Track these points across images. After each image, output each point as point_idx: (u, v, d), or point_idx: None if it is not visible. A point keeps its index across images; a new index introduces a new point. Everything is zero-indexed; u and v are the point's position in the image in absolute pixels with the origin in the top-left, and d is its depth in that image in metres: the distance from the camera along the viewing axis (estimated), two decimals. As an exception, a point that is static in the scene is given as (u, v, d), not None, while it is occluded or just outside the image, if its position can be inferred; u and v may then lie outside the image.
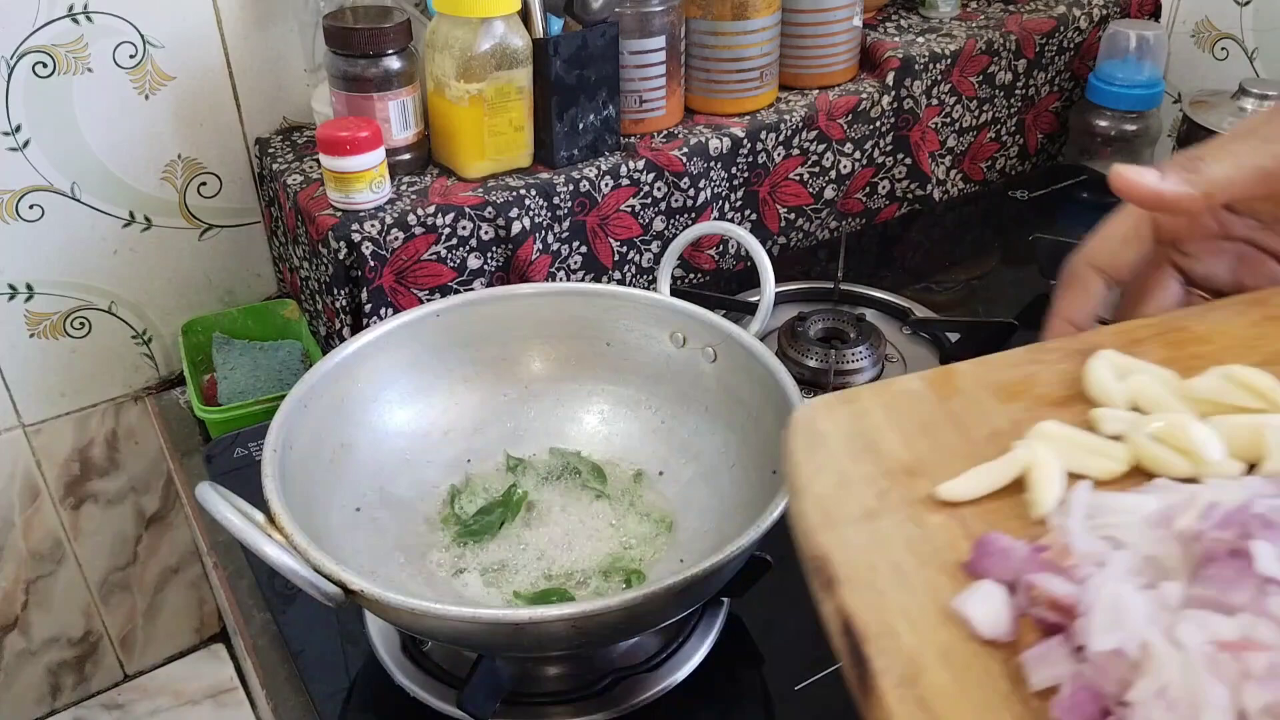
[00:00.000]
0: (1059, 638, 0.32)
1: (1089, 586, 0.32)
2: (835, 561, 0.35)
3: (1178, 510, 0.34)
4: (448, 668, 0.63)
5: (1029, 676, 0.32)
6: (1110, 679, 0.30)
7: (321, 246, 0.82)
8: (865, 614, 0.33)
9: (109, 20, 0.85)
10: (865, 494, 0.37)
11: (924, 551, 0.35)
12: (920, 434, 0.40)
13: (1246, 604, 0.30)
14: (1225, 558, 0.32)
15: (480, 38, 0.81)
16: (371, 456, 0.69)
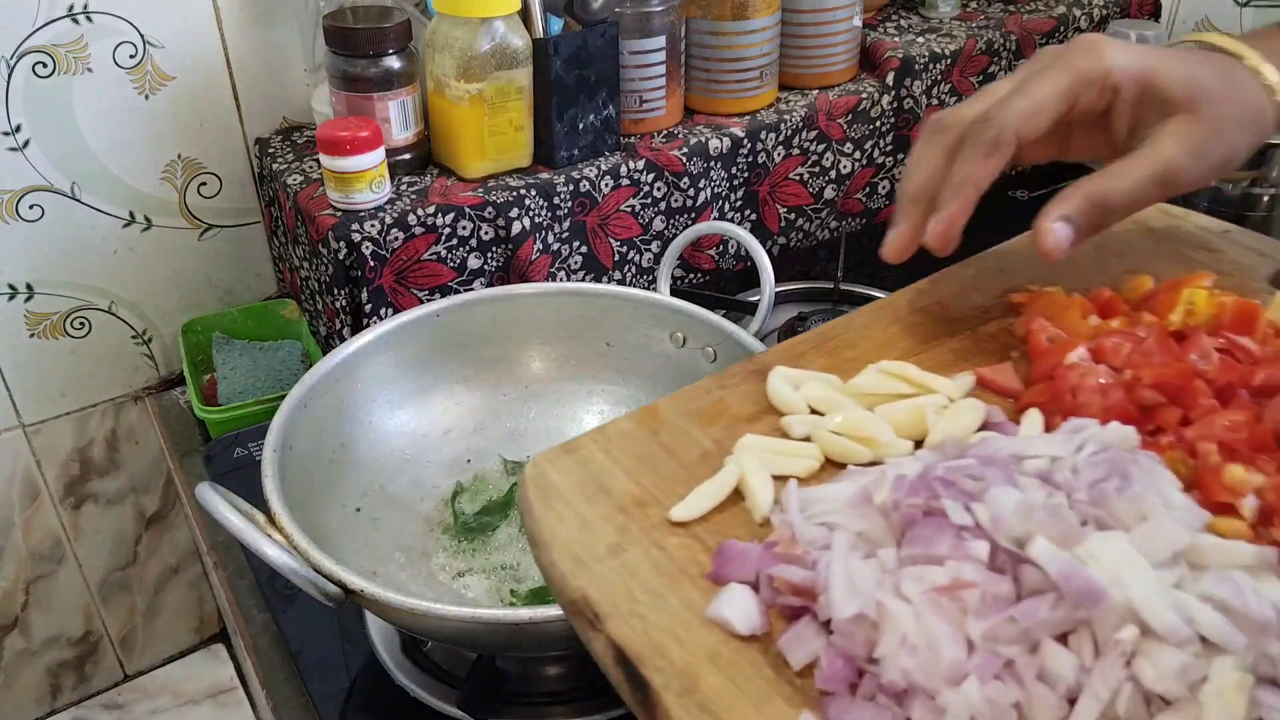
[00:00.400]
0: (806, 619, 0.36)
1: (821, 567, 0.36)
2: (594, 600, 0.38)
3: (872, 489, 0.38)
4: (448, 668, 0.63)
5: (789, 658, 0.35)
6: (857, 642, 0.34)
7: (321, 246, 0.82)
8: (633, 640, 0.36)
9: (109, 20, 0.85)
10: (607, 531, 0.40)
11: (671, 572, 0.39)
12: (642, 467, 0.44)
13: (950, 552, 0.35)
14: (922, 519, 0.36)
15: (480, 38, 0.81)
16: (371, 456, 0.69)
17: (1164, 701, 0.32)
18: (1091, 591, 0.33)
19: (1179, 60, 0.48)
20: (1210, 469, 0.40)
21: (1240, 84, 0.49)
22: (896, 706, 0.33)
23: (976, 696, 0.32)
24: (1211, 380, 0.45)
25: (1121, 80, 0.47)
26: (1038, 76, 0.47)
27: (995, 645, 0.33)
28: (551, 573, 0.40)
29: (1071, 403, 0.44)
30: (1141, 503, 0.36)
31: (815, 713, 0.34)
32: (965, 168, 0.47)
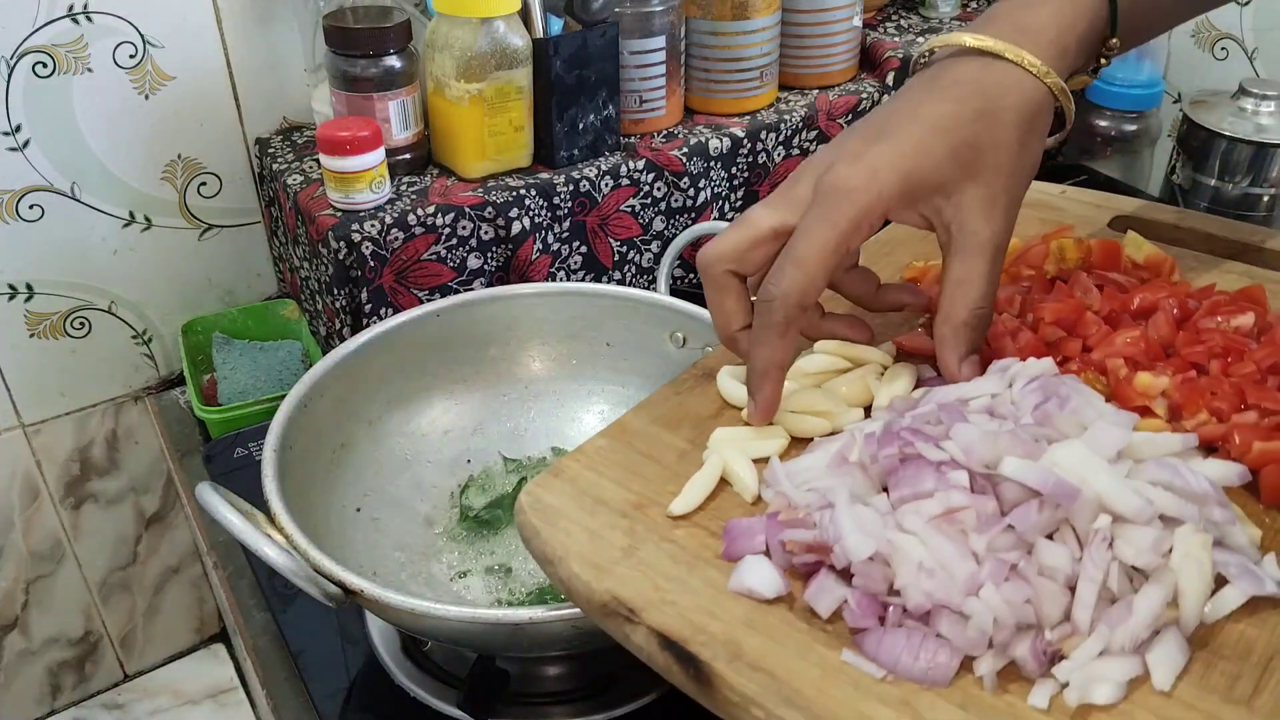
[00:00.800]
0: (823, 572, 0.40)
1: (827, 523, 0.40)
2: (624, 597, 0.41)
3: (845, 451, 0.43)
4: (448, 668, 0.63)
5: (817, 609, 0.39)
6: (876, 580, 0.38)
7: (321, 246, 0.81)
8: (672, 624, 0.39)
9: (109, 20, 0.85)
10: (615, 536, 0.44)
11: (686, 559, 0.42)
12: (628, 476, 0.47)
13: (935, 486, 0.39)
14: (901, 465, 0.41)
15: (480, 38, 0.81)
16: (371, 456, 0.69)
17: (1143, 576, 0.37)
18: (1067, 490, 0.38)
19: (933, 131, 0.46)
20: (1122, 380, 0.47)
21: (1003, 97, 0.47)
22: (925, 626, 0.37)
23: (995, 599, 0.36)
24: (1098, 311, 0.51)
25: (888, 207, 0.46)
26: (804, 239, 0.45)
27: (998, 554, 0.37)
28: (574, 584, 0.42)
29: (987, 350, 0.50)
30: (1080, 415, 0.41)
31: (854, 649, 0.38)
32: (766, 353, 0.47)
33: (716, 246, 0.49)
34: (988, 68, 0.47)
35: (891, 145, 0.46)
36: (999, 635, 0.36)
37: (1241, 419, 0.44)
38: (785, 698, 0.36)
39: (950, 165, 0.46)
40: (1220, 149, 1.00)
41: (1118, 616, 0.36)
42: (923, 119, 0.46)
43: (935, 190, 0.46)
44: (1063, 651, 0.36)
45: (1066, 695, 0.35)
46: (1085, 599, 0.36)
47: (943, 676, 0.36)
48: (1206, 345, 0.48)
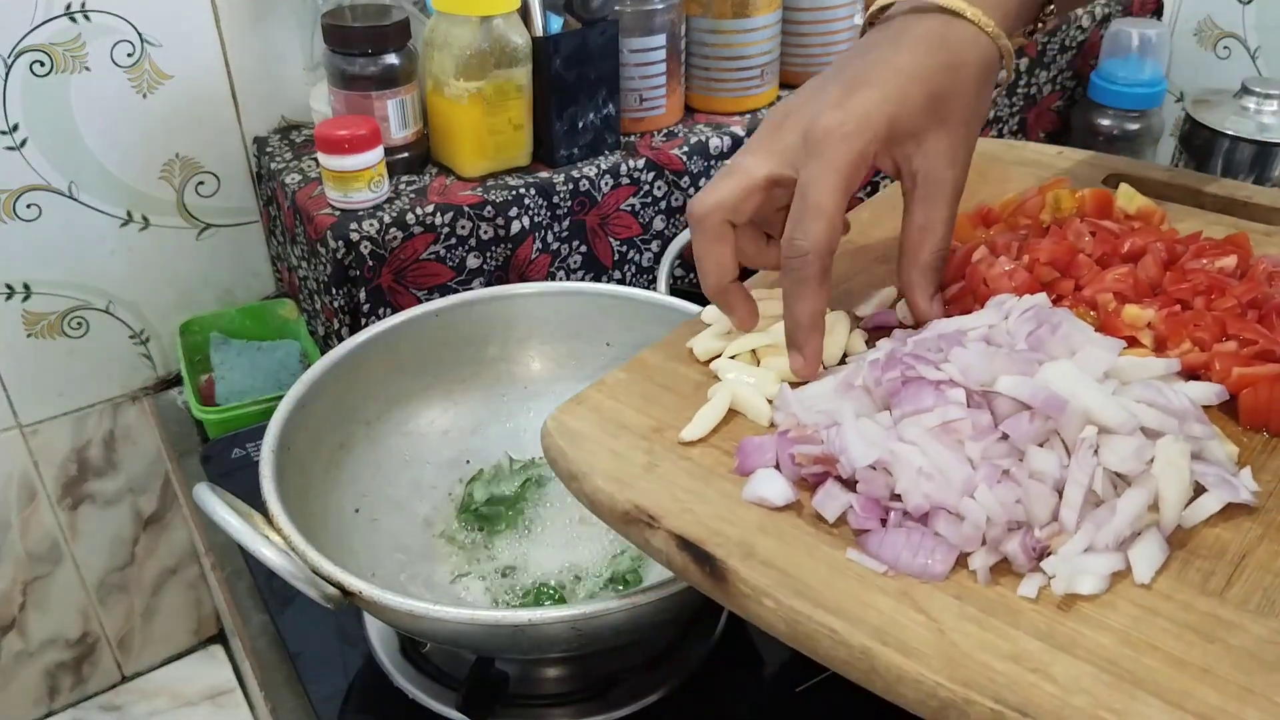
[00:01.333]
0: (830, 481, 0.43)
1: (833, 436, 0.43)
2: (645, 505, 0.44)
3: (851, 377, 0.47)
4: (447, 669, 0.63)
5: (824, 514, 0.42)
6: (879, 485, 0.42)
7: (320, 246, 0.81)
8: (690, 528, 0.43)
9: (106, 19, 0.84)
10: (636, 455, 0.47)
11: (702, 474, 0.46)
12: (647, 404, 0.51)
13: (935, 403, 0.43)
14: (903, 386, 0.44)
15: (479, 36, 0.80)
16: (370, 457, 0.69)
17: (1126, 482, 0.40)
18: (1056, 402, 0.41)
19: (910, 81, 0.48)
20: (1110, 314, 0.50)
21: (964, 52, 0.50)
22: (923, 526, 0.41)
23: (988, 498, 0.40)
24: (1090, 254, 0.54)
25: (878, 150, 0.48)
26: (812, 188, 0.47)
27: (992, 460, 0.41)
28: (597, 497, 0.46)
29: (986, 291, 0.52)
30: (1071, 340, 0.45)
31: (857, 548, 0.41)
32: (805, 305, 0.49)
33: (713, 196, 0.50)
34: (950, 25, 0.50)
35: (876, 91, 0.48)
36: (991, 532, 0.39)
37: (1222, 348, 0.47)
38: (795, 590, 0.39)
39: (925, 113, 0.48)
40: (1223, 148, 1.00)
41: (1102, 517, 0.39)
42: (900, 69, 0.48)
43: (910, 136, 0.49)
44: (1050, 548, 0.39)
45: (1054, 585, 0.38)
46: (1072, 500, 0.39)
47: (940, 571, 0.39)
48: (1191, 283, 0.52)
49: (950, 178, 0.50)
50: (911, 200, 0.51)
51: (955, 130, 0.50)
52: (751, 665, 0.65)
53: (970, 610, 0.38)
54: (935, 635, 0.37)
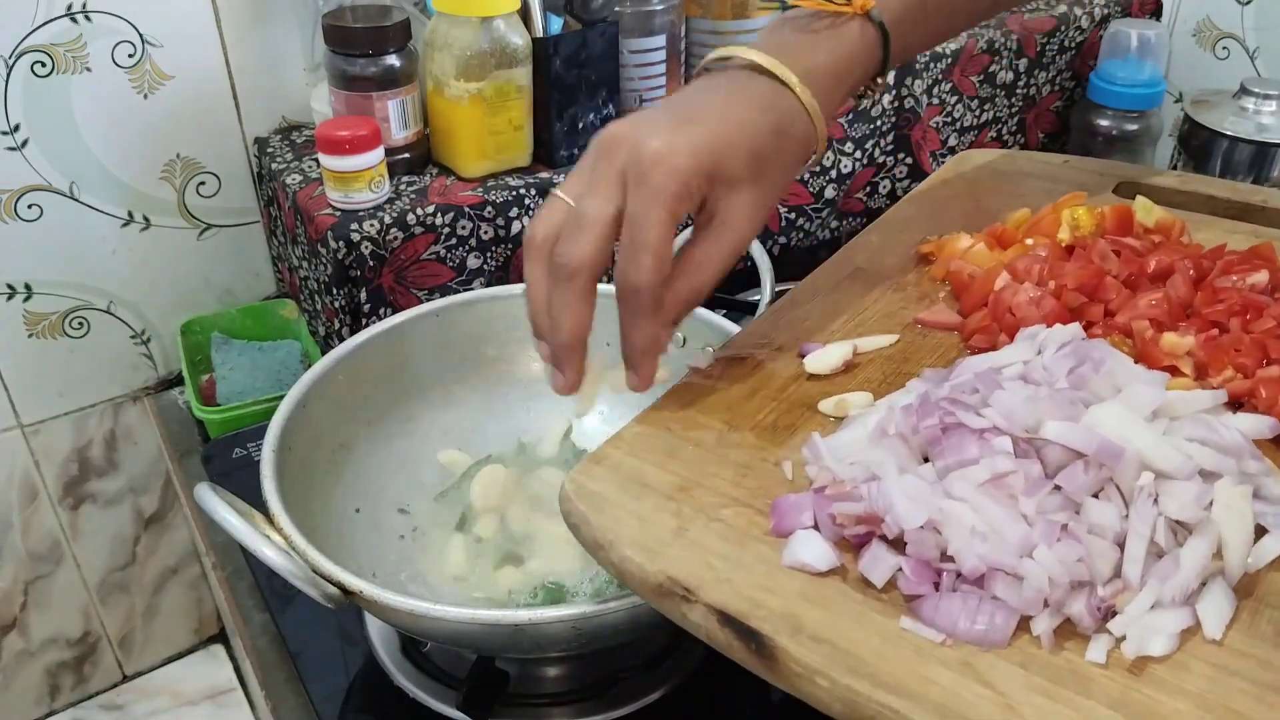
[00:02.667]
0: (875, 542, 0.40)
1: (876, 494, 0.41)
2: (679, 576, 0.41)
3: (884, 424, 0.44)
4: (447, 669, 0.63)
5: (871, 578, 0.40)
6: (929, 546, 0.39)
7: (320, 246, 0.81)
8: (730, 600, 0.40)
9: (107, 19, 0.84)
10: (664, 519, 0.44)
11: (736, 537, 0.43)
12: (669, 460, 0.48)
13: (980, 453, 0.40)
14: (943, 434, 0.42)
15: (480, 37, 0.80)
16: (370, 457, 0.69)
17: (1186, 530, 0.38)
18: (1112, 450, 0.39)
19: (739, 130, 0.49)
20: (1148, 341, 0.49)
21: (791, 125, 0.51)
22: (979, 589, 0.38)
23: (1049, 559, 0.37)
24: (1117, 275, 0.53)
25: (700, 183, 0.48)
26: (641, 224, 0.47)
27: (1048, 515, 0.38)
28: (627, 567, 0.43)
29: (1012, 320, 0.51)
30: (1114, 378, 0.43)
31: (911, 616, 0.38)
32: (641, 335, 0.50)
33: (579, 251, 0.48)
34: (781, 94, 0.51)
35: (706, 130, 0.48)
36: (1054, 594, 0.37)
37: (1266, 373, 0.46)
38: (849, 666, 0.37)
39: (745, 165, 0.49)
40: (1222, 148, 1.00)
41: (1166, 570, 0.37)
42: (731, 119, 0.50)
43: (725, 182, 0.49)
44: (1115, 606, 0.37)
45: (1124, 649, 0.36)
46: (1135, 554, 0.37)
47: (1000, 637, 0.37)
48: (1225, 304, 0.50)
49: (745, 230, 0.51)
50: (700, 235, 0.51)
51: (764, 191, 0.51)
52: (751, 665, 0.65)
53: (1037, 680, 0.36)
54: (1004, 711, 0.35)
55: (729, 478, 0.47)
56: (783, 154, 0.51)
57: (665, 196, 0.47)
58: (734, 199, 0.50)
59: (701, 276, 0.50)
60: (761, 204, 0.51)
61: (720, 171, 0.49)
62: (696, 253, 0.51)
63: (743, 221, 0.50)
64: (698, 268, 0.51)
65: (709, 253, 0.51)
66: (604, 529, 0.44)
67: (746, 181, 0.50)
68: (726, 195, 0.50)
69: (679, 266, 0.51)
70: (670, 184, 0.47)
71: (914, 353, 0.54)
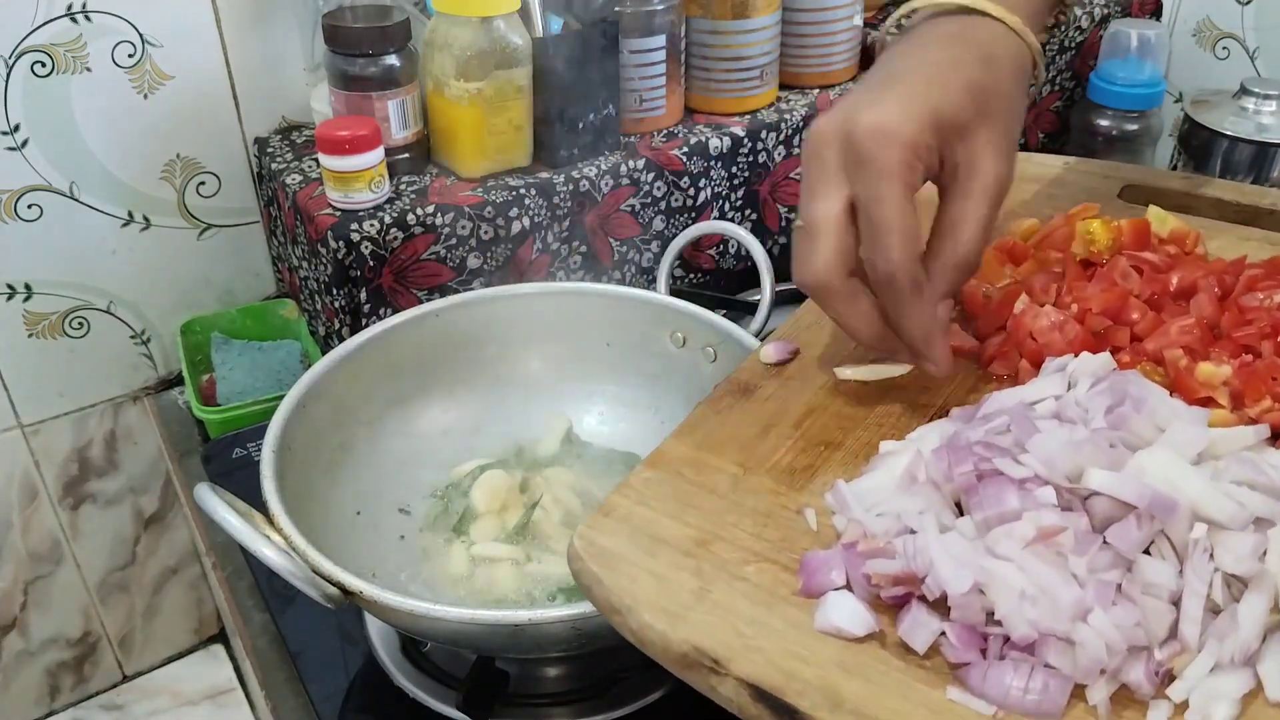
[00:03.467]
0: (915, 605, 0.38)
1: (914, 552, 0.38)
2: (706, 647, 0.38)
3: (913, 469, 0.41)
4: (447, 669, 0.63)
5: (913, 644, 0.37)
6: (975, 610, 0.36)
7: (320, 246, 0.81)
8: (763, 673, 0.37)
9: (107, 19, 0.84)
10: (683, 579, 0.41)
11: (763, 598, 0.40)
12: (683, 508, 0.44)
13: (1022, 506, 0.37)
14: (979, 483, 0.39)
15: (480, 37, 0.80)
16: (370, 457, 0.69)
17: (1242, 583, 0.36)
18: (1166, 504, 0.36)
19: (947, 70, 0.46)
20: (1183, 371, 0.46)
21: (996, 47, 0.48)
22: (1029, 656, 0.36)
23: (1105, 624, 0.35)
24: (1139, 295, 0.50)
25: (926, 142, 0.45)
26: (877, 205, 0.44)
27: (1099, 575, 0.36)
28: (647, 635, 0.39)
29: (1034, 345, 0.48)
30: (1156, 417, 0.40)
31: (958, 686, 0.36)
32: (916, 319, 0.46)
33: (821, 260, 0.45)
34: (975, 24, 0.48)
35: (910, 86, 0.45)
36: (1111, 660, 0.35)
37: None
38: None
39: (968, 103, 0.45)
40: (1222, 148, 1.00)
41: (1224, 628, 0.35)
42: (932, 63, 0.46)
43: (954, 127, 0.46)
44: (1173, 671, 0.35)
45: (1187, 718, 0.34)
46: (1192, 614, 0.35)
47: (1054, 708, 0.35)
48: (1256, 326, 0.48)
49: (993, 172, 0.46)
50: (948, 195, 0.47)
51: (998, 124, 0.47)
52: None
53: None
54: None
55: (749, 529, 0.43)
56: (1000, 79, 0.47)
57: (892, 168, 0.43)
58: (970, 144, 0.46)
59: (963, 236, 0.46)
60: (1001, 139, 0.47)
61: (943, 121, 0.45)
62: (950, 212, 0.47)
63: (988, 163, 0.46)
64: (954, 228, 0.47)
65: (963, 209, 0.46)
66: (620, 591, 0.41)
67: (975, 120, 0.46)
68: (960, 142, 0.46)
69: (936, 234, 0.47)
70: (892, 154, 0.43)
71: (931, 380, 0.51)
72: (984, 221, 0.47)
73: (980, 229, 0.47)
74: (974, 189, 0.46)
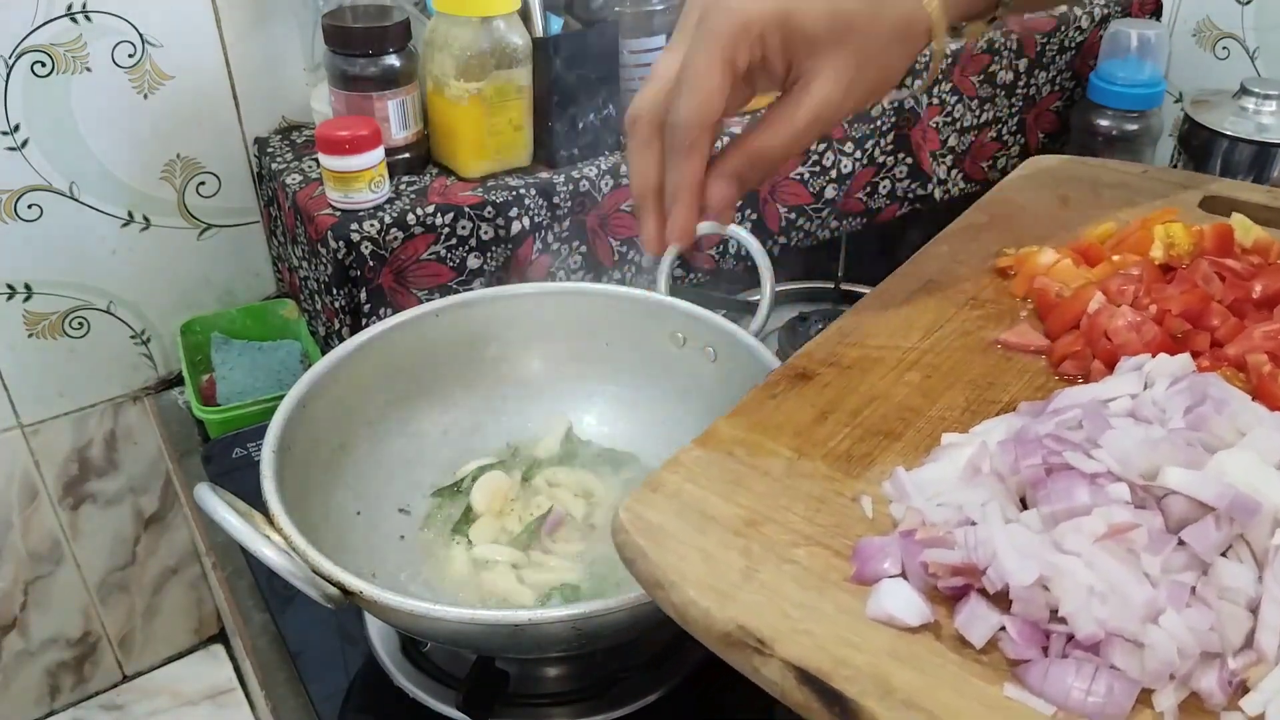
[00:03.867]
0: (973, 596, 0.36)
1: (975, 540, 0.37)
2: (752, 626, 0.37)
3: (977, 460, 0.40)
4: (447, 668, 0.63)
5: (970, 637, 0.36)
6: (1038, 606, 0.35)
7: (320, 246, 0.81)
8: (811, 656, 0.36)
9: (107, 19, 0.84)
10: (731, 557, 0.40)
11: (813, 582, 0.39)
12: (734, 489, 0.44)
13: (1092, 501, 0.36)
14: (1048, 477, 0.37)
15: (480, 37, 0.80)
16: (370, 457, 0.69)
17: None
18: (1247, 505, 0.35)
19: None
20: (1267, 377, 0.45)
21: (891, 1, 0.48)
22: (1094, 656, 0.34)
23: (1178, 626, 0.33)
24: (1221, 300, 0.49)
25: (764, 29, 0.47)
26: (691, 62, 0.47)
27: (1173, 575, 0.35)
28: (691, 611, 0.39)
29: (1108, 345, 0.47)
30: (1237, 421, 0.38)
31: (1016, 683, 0.35)
32: (675, 175, 0.50)
33: (637, 103, 0.50)
34: None
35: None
36: (1182, 666, 0.34)
37: None
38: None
39: (825, 22, 0.47)
40: (1221, 148, 1.00)
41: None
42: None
43: (803, 40, 0.47)
44: (1247, 681, 0.34)
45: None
46: (1271, 622, 0.34)
47: (1119, 712, 0.34)
48: None
49: (822, 96, 0.48)
50: (780, 99, 0.49)
51: (851, 57, 0.48)
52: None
53: None
54: None
55: (801, 513, 0.43)
56: (877, 24, 0.48)
57: (718, 36, 0.46)
58: (814, 62, 0.48)
59: (770, 136, 0.49)
60: (847, 73, 0.48)
61: (793, 26, 0.47)
62: (772, 112, 0.49)
63: (822, 86, 0.48)
64: (768, 126, 0.49)
65: (783, 113, 0.49)
66: (666, 566, 0.40)
67: (827, 43, 0.47)
68: (807, 57, 0.48)
69: (754, 123, 0.50)
70: (726, 25, 0.46)
71: (998, 376, 0.50)
72: (796, 131, 0.49)
73: (789, 134, 0.49)
74: (801, 100, 0.48)
